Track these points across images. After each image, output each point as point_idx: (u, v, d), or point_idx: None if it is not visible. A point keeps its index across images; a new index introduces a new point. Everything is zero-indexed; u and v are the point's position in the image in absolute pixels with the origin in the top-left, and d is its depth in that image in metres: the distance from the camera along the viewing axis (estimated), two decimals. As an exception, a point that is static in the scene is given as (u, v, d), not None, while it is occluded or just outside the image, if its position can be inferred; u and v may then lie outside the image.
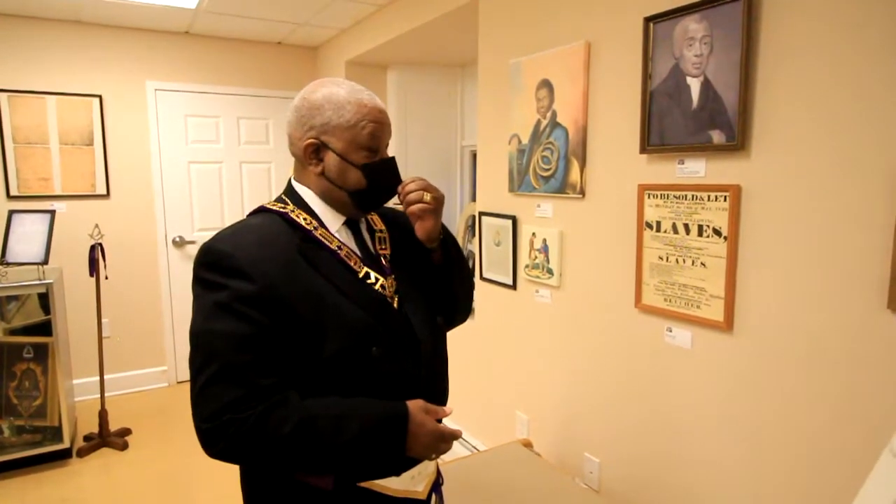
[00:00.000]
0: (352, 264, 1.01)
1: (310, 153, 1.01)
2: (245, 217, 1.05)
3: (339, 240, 1.03)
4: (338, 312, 0.95)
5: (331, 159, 1.01)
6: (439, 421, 1.02)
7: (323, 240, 1.00)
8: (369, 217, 1.15)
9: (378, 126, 1.02)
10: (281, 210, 1.02)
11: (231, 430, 0.85)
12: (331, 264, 0.99)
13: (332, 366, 0.94)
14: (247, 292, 0.89)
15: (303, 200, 1.04)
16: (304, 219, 1.01)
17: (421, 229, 1.06)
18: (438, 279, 1.13)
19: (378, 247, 1.11)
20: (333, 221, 1.04)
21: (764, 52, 1.40)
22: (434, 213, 1.06)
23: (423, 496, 1.08)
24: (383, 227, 1.15)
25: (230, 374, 0.87)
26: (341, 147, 1.00)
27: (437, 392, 1.15)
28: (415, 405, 0.97)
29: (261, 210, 1.04)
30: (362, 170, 1.01)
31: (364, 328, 0.97)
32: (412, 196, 1.04)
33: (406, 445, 0.94)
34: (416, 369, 1.05)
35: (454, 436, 1.00)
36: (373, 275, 1.03)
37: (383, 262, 1.09)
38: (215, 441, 0.87)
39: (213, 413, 0.86)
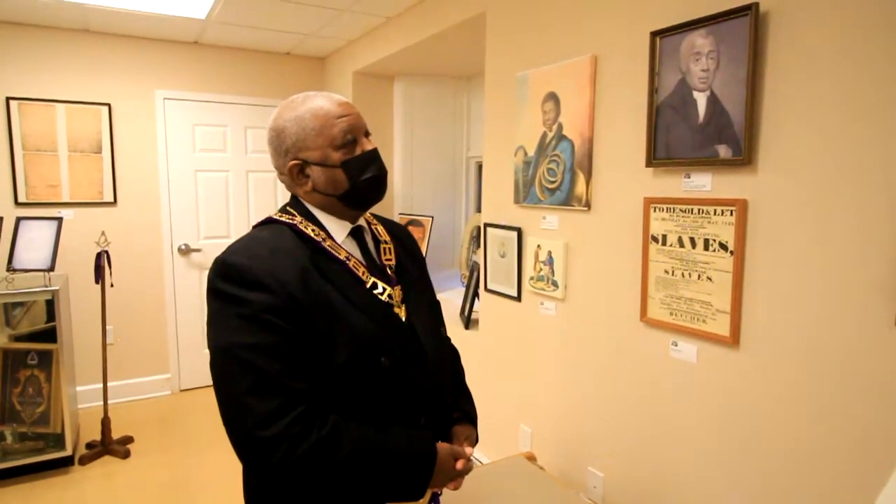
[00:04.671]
0: (360, 274, 1.03)
1: (296, 174, 1.03)
2: (252, 228, 1.06)
3: (346, 251, 1.04)
4: (348, 322, 0.96)
5: (315, 172, 1.02)
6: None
7: (331, 251, 1.01)
8: (374, 227, 1.16)
9: (346, 119, 1.01)
10: (289, 221, 1.03)
11: (289, 444, 0.87)
12: (340, 275, 1.00)
13: (342, 374, 0.96)
14: (269, 303, 0.90)
15: (309, 212, 1.06)
16: (313, 230, 1.02)
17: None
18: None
19: (383, 257, 1.12)
20: (339, 232, 1.06)
21: (771, 67, 1.40)
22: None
23: (425, 503, 1.10)
24: (388, 238, 1.16)
25: (267, 383, 0.88)
26: (318, 156, 1.01)
27: (442, 403, 1.17)
28: (444, 449, 1.04)
29: (269, 221, 1.05)
30: (342, 167, 1.01)
31: (372, 338, 0.99)
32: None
33: (430, 482, 1.01)
34: (423, 379, 1.07)
35: (469, 470, 1.09)
36: (380, 285, 1.05)
37: (389, 271, 1.10)
38: (273, 450, 0.87)
39: (263, 421, 0.87)
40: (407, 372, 1.03)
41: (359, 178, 1.02)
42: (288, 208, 1.07)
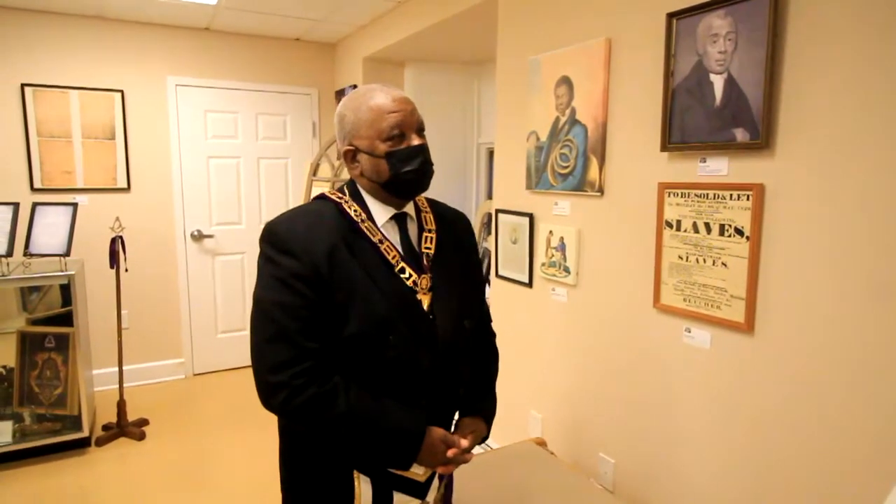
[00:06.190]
0: (389, 258, 1.09)
1: (348, 159, 1.12)
2: (309, 201, 1.16)
3: (382, 233, 1.10)
4: (364, 300, 1.04)
5: (363, 159, 1.10)
6: (451, 430, 1.17)
7: (367, 232, 1.09)
8: (424, 215, 1.20)
9: (397, 114, 1.08)
10: (336, 200, 1.12)
11: (290, 392, 1.00)
12: (369, 255, 1.08)
13: (349, 346, 1.03)
14: (295, 270, 1.02)
15: (358, 193, 1.14)
16: (355, 210, 1.10)
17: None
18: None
19: (423, 245, 1.16)
20: (381, 215, 1.13)
21: (790, 48, 1.37)
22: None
23: (423, 479, 1.15)
24: (434, 227, 1.20)
25: (283, 337, 1.01)
26: (366, 144, 1.08)
27: (450, 391, 1.19)
28: (436, 433, 1.10)
29: (321, 197, 1.15)
30: (385, 158, 1.08)
31: (383, 317, 1.05)
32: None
33: (415, 461, 1.08)
34: (431, 364, 1.11)
35: (463, 461, 1.13)
36: (407, 270, 1.10)
37: (424, 260, 1.14)
38: (276, 393, 1.01)
39: (273, 368, 1.01)
40: (413, 353, 1.08)
41: (400, 169, 1.08)
42: (343, 187, 1.16)
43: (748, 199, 1.47)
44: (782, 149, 1.40)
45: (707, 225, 1.58)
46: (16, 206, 2.87)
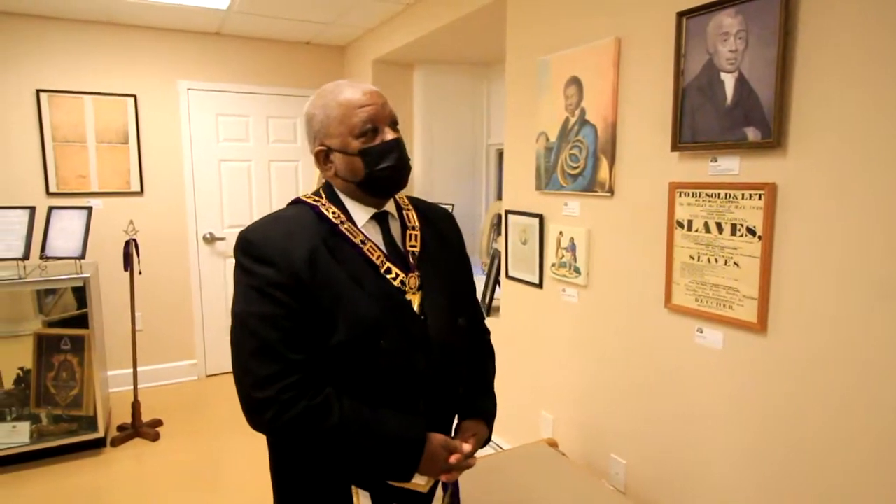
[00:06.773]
0: (374, 259, 1.04)
1: (321, 160, 1.08)
2: (284, 206, 1.11)
3: (363, 234, 1.06)
4: (351, 304, 0.99)
5: (337, 158, 1.05)
6: (451, 434, 1.13)
7: (348, 234, 1.04)
8: (406, 213, 1.16)
9: (368, 108, 1.03)
10: (313, 203, 1.07)
11: (279, 408, 0.94)
12: (352, 258, 1.03)
13: (338, 354, 0.99)
14: (274, 279, 0.96)
15: (335, 195, 1.09)
16: (333, 212, 1.05)
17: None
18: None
19: (408, 243, 1.11)
20: (361, 216, 1.08)
21: (802, 47, 1.36)
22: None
23: (425, 490, 1.09)
24: (417, 224, 1.15)
25: (266, 350, 0.96)
26: (339, 143, 1.04)
27: (449, 393, 1.15)
28: (436, 439, 1.05)
29: (296, 201, 1.10)
30: (359, 155, 1.03)
31: (373, 321, 1.00)
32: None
33: (417, 470, 1.03)
34: (426, 366, 1.06)
35: (466, 466, 1.08)
36: (394, 270, 1.05)
37: (410, 258, 1.09)
38: (264, 410, 0.95)
39: (258, 383, 0.95)
40: (407, 357, 1.03)
41: (375, 166, 1.03)
42: (319, 190, 1.11)
43: (760, 198, 1.46)
44: (794, 148, 1.39)
45: (719, 225, 1.57)
46: (32, 209, 2.91)
